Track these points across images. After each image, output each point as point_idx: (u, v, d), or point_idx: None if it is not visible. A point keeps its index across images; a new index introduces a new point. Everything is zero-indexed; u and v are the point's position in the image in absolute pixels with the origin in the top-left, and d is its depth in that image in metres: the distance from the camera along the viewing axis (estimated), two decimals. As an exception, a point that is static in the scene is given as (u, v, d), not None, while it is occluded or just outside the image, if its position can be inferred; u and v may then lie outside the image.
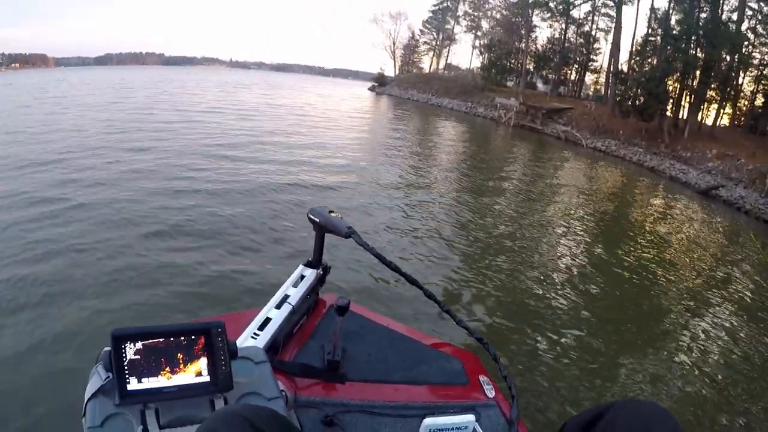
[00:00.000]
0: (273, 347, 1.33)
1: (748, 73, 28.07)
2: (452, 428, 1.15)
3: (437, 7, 53.60)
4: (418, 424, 1.17)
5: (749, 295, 7.50)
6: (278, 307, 1.46)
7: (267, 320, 1.39)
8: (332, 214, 1.58)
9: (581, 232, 9.33)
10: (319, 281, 1.69)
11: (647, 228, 11.05)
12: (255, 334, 1.33)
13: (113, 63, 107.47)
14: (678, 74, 26.02)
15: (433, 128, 26.15)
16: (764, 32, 26.96)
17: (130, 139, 12.05)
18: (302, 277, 1.63)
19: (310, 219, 1.62)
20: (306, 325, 1.54)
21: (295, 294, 1.53)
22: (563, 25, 39.59)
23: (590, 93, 39.11)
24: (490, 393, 1.44)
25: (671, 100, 26.71)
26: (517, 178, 14.39)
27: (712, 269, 8.63)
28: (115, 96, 24.45)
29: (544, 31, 51.61)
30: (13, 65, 79.14)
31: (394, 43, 57.33)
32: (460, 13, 51.65)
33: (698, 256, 9.39)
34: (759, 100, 28.34)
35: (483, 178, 13.48)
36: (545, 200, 11.74)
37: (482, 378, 1.51)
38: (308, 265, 1.69)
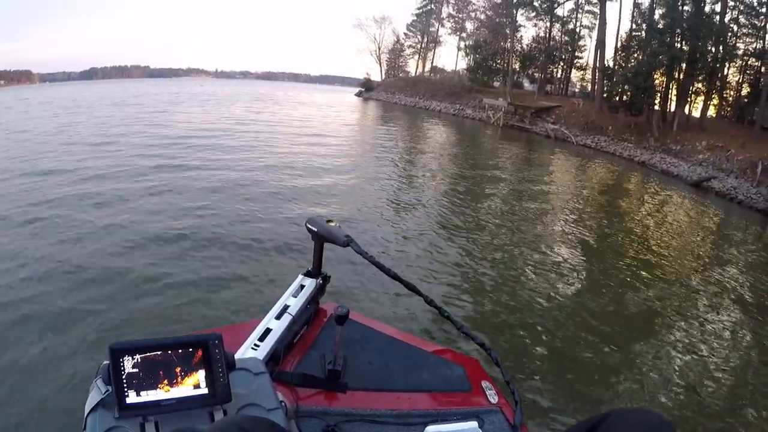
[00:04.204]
0: (274, 358, 1.32)
1: (733, 63, 28.39)
2: None
3: (421, 10, 53.84)
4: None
5: (748, 289, 7.51)
6: (278, 317, 1.45)
7: (267, 331, 1.38)
8: (330, 224, 1.58)
9: (576, 232, 9.34)
10: (319, 290, 1.68)
11: (642, 224, 11.10)
12: (255, 345, 1.32)
13: (98, 77, 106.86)
14: (664, 68, 26.29)
15: (423, 132, 26.21)
16: (747, 23, 27.32)
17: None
18: (302, 286, 1.62)
19: (308, 228, 1.61)
20: (306, 334, 1.53)
21: (295, 304, 1.52)
22: (548, 24, 39.79)
23: (576, 90, 39.33)
24: (493, 398, 1.43)
25: (658, 94, 26.96)
26: (509, 178, 14.46)
27: (710, 264, 8.63)
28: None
29: (528, 30, 52.01)
30: (-2, 83, 78.82)
31: (379, 48, 57.56)
32: (443, 15, 51.93)
33: (696, 251, 9.44)
34: (745, 90, 28.66)
35: (476, 180, 13.53)
36: (538, 201, 11.73)
37: (485, 383, 1.50)
38: (308, 274, 1.68)
